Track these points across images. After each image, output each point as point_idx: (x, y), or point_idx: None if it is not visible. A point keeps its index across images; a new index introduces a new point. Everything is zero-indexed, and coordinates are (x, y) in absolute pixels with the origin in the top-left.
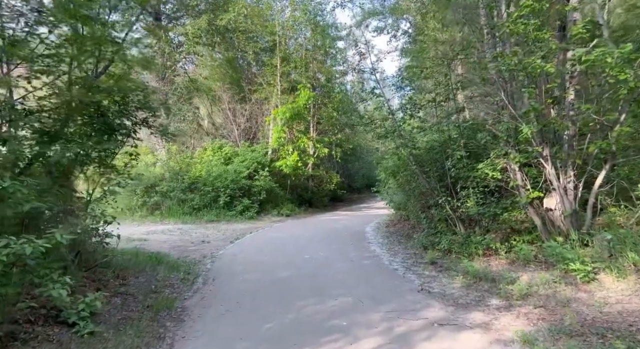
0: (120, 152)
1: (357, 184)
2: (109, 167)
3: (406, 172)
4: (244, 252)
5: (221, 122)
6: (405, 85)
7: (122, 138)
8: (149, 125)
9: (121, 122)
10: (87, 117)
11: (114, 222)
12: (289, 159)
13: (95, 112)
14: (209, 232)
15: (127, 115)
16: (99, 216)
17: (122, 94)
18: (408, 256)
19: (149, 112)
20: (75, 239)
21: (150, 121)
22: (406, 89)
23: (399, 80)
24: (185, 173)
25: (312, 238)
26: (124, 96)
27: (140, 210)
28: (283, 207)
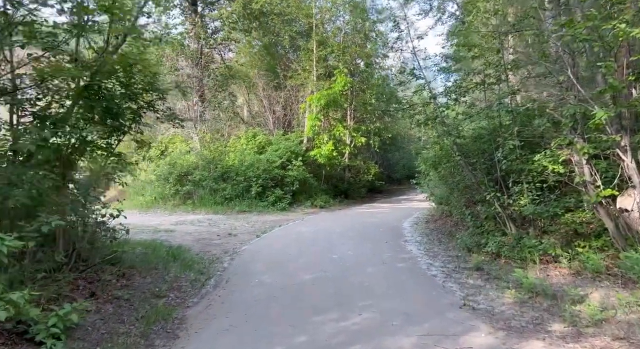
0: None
1: (397, 174)
2: (114, 155)
3: (449, 164)
4: (268, 249)
5: (257, 110)
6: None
7: (127, 123)
8: (155, 109)
9: (128, 106)
10: (88, 99)
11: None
12: (324, 148)
13: (96, 94)
14: (238, 223)
15: (132, 98)
16: (100, 207)
17: (128, 74)
18: (449, 259)
19: (156, 95)
20: (71, 234)
21: (158, 105)
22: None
23: (442, 60)
24: (219, 162)
25: (344, 234)
26: (129, 76)
27: (173, 199)
28: (317, 198)
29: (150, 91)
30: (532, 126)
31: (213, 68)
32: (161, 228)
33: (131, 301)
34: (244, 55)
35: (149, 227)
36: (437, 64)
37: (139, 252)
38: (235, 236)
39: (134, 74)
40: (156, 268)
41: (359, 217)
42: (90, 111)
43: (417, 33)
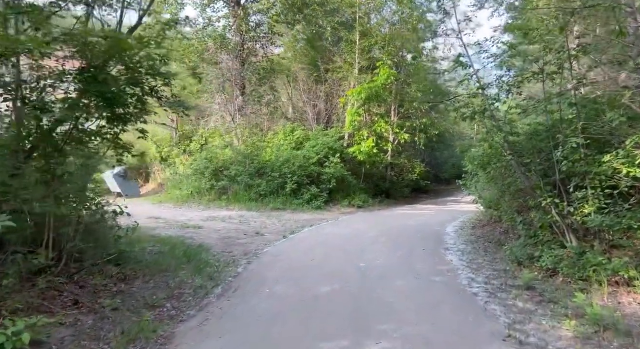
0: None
1: (446, 174)
2: (120, 147)
3: (499, 164)
4: (292, 252)
5: (297, 105)
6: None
7: (129, 110)
8: (158, 95)
9: (131, 92)
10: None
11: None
12: (364, 145)
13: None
14: (269, 222)
15: (134, 83)
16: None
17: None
18: (495, 274)
19: (161, 81)
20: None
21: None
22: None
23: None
24: (255, 157)
25: (378, 238)
26: (132, 60)
27: (208, 194)
28: (355, 197)
29: (155, 75)
30: (602, 120)
31: (255, 62)
32: (190, 224)
33: (120, 311)
34: (288, 49)
35: (178, 223)
36: (487, 50)
37: (154, 250)
38: (263, 236)
39: (141, 59)
40: (166, 270)
41: (398, 220)
42: (85, 97)
43: (468, 22)
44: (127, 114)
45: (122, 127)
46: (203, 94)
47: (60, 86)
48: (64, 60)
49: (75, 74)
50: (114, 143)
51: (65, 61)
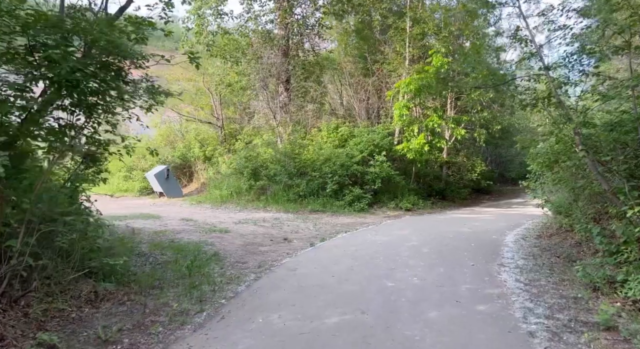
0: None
1: (512, 173)
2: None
3: (569, 162)
4: (312, 264)
5: (343, 100)
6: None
7: (85, 97)
8: (124, 79)
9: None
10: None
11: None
12: (413, 141)
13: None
14: (303, 225)
15: (89, 65)
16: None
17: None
18: (561, 303)
19: (134, 64)
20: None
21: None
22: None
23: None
24: (296, 156)
25: (420, 248)
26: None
27: (247, 194)
28: (403, 199)
29: (119, 55)
30: None
31: (300, 56)
32: (219, 227)
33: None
34: (335, 41)
35: (207, 226)
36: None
37: (158, 260)
38: (289, 243)
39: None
40: (156, 286)
41: (450, 225)
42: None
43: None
44: (94, 103)
45: (94, 118)
46: (246, 91)
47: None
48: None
49: (23, 54)
50: (91, 139)
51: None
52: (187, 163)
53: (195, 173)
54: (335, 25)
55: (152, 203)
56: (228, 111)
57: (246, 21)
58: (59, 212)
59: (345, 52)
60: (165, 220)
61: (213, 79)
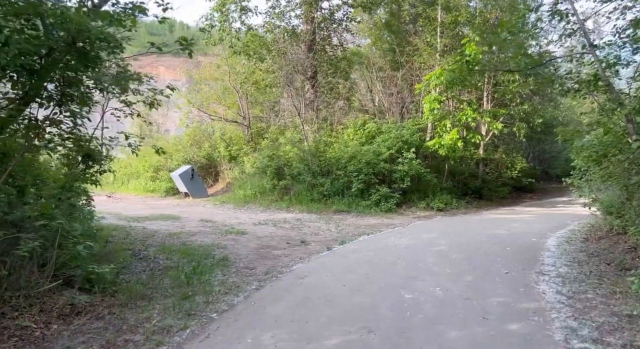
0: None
1: (557, 170)
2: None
3: (621, 156)
4: (324, 271)
5: (371, 96)
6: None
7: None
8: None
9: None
10: None
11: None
12: (446, 137)
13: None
14: (325, 227)
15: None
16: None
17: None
18: (613, 323)
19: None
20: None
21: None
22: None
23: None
24: (321, 154)
25: (448, 252)
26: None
27: (271, 194)
28: (434, 198)
29: (86, 39)
30: None
31: (327, 51)
32: (236, 229)
33: None
34: (363, 34)
35: (225, 228)
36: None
37: (160, 265)
38: (306, 246)
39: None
40: (145, 297)
41: (485, 227)
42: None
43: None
44: (65, 93)
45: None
46: (272, 89)
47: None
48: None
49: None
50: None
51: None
52: (213, 163)
53: (221, 173)
54: (365, 18)
55: (176, 204)
56: (255, 110)
57: (271, 17)
58: (27, 217)
59: (375, 45)
60: (185, 221)
61: (239, 77)
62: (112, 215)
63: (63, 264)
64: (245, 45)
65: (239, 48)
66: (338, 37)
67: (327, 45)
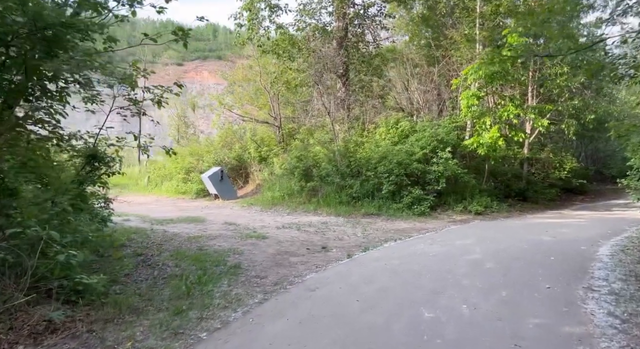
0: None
1: (613, 170)
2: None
3: None
4: (338, 282)
5: (405, 93)
6: None
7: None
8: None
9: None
10: None
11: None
12: (485, 135)
13: None
14: (350, 232)
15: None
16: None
17: None
18: None
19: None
20: None
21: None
22: None
23: None
24: (350, 154)
25: (482, 262)
26: None
27: (299, 196)
28: (473, 201)
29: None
30: None
31: (361, 48)
32: (258, 233)
33: None
34: (400, 31)
35: (247, 231)
36: None
37: (165, 273)
38: (327, 252)
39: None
40: (138, 310)
41: (528, 232)
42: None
43: None
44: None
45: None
46: (302, 88)
47: None
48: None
49: None
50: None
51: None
52: (243, 164)
53: (251, 174)
54: (402, 14)
55: (205, 206)
56: (287, 111)
57: (302, 15)
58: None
59: (412, 41)
60: (208, 224)
61: (269, 77)
62: (139, 217)
63: (45, 276)
64: (275, 44)
65: (268, 47)
66: (372, 34)
67: (360, 42)
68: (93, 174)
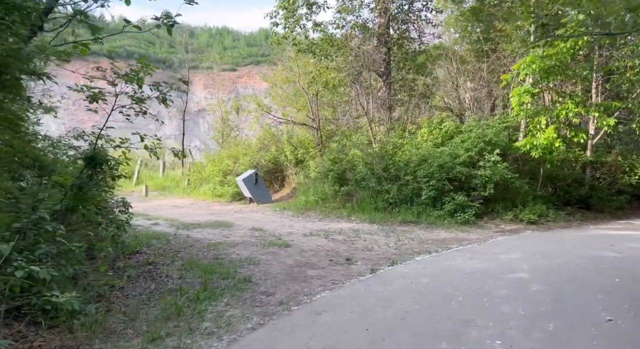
0: None
1: None
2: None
3: None
4: (349, 306)
5: (451, 90)
6: None
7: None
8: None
9: None
10: None
11: None
12: (540, 136)
13: None
14: (382, 241)
15: None
16: None
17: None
18: None
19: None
20: None
21: None
22: None
23: None
24: (389, 157)
25: (527, 283)
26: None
27: (333, 201)
28: (526, 208)
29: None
30: None
31: (404, 45)
32: (282, 240)
33: None
34: (448, 27)
35: (271, 238)
36: None
37: (163, 286)
38: (350, 265)
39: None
40: (114, 335)
41: (588, 247)
42: None
43: None
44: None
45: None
46: (340, 88)
47: None
48: None
49: None
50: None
51: None
52: (279, 167)
53: (287, 177)
54: (450, 9)
55: (238, 210)
56: (327, 112)
57: (341, 12)
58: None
59: (462, 37)
60: (235, 229)
61: (307, 78)
62: (168, 221)
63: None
64: (311, 43)
65: (304, 46)
66: (416, 30)
67: (404, 38)
68: (94, 177)
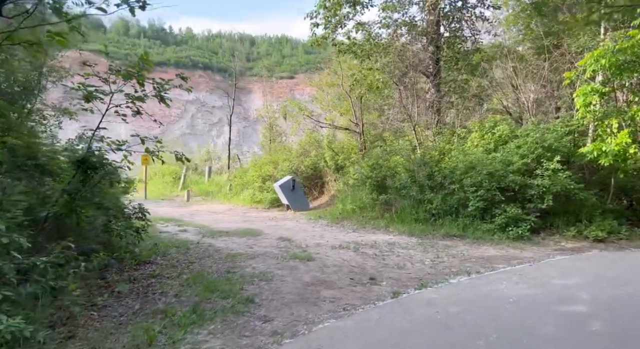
0: None
1: None
2: None
3: None
4: (351, 343)
5: (508, 91)
6: None
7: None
8: None
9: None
10: None
11: None
12: (610, 141)
13: None
14: (418, 257)
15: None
16: None
17: None
18: None
19: None
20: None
21: None
22: None
23: None
24: (436, 163)
25: (584, 320)
26: None
27: (371, 210)
28: (592, 224)
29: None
30: None
31: (457, 44)
32: (306, 253)
33: None
34: (507, 24)
35: (296, 250)
36: None
37: (153, 305)
38: (373, 286)
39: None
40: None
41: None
42: None
43: None
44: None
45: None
46: (384, 91)
47: None
48: None
49: None
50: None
51: None
52: (319, 173)
53: (326, 184)
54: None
55: (273, 217)
56: (372, 116)
57: (385, 11)
58: None
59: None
60: (261, 239)
61: (349, 81)
62: (197, 228)
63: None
64: (352, 43)
65: (345, 47)
66: (470, 28)
67: (456, 36)
68: (88, 183)
